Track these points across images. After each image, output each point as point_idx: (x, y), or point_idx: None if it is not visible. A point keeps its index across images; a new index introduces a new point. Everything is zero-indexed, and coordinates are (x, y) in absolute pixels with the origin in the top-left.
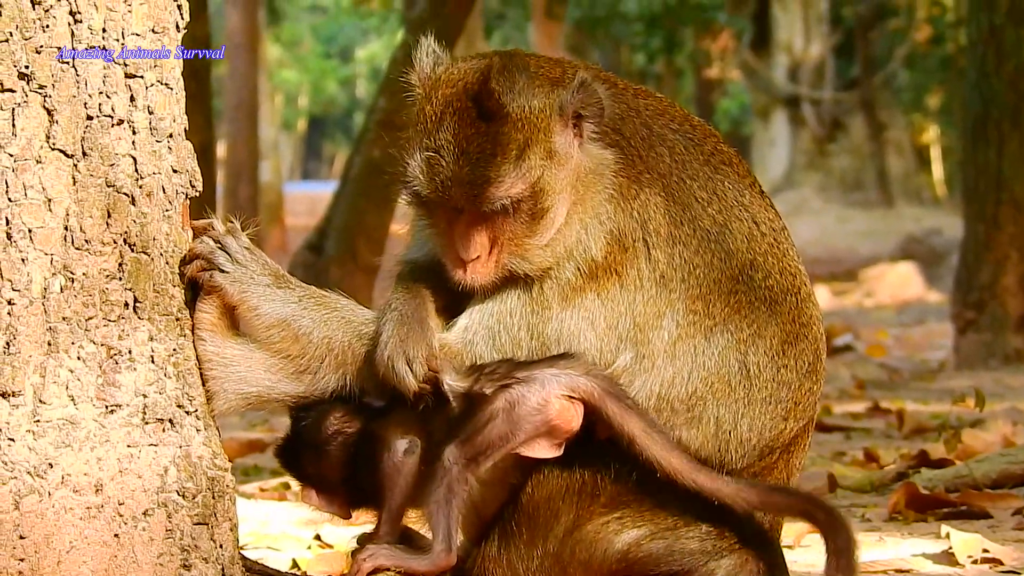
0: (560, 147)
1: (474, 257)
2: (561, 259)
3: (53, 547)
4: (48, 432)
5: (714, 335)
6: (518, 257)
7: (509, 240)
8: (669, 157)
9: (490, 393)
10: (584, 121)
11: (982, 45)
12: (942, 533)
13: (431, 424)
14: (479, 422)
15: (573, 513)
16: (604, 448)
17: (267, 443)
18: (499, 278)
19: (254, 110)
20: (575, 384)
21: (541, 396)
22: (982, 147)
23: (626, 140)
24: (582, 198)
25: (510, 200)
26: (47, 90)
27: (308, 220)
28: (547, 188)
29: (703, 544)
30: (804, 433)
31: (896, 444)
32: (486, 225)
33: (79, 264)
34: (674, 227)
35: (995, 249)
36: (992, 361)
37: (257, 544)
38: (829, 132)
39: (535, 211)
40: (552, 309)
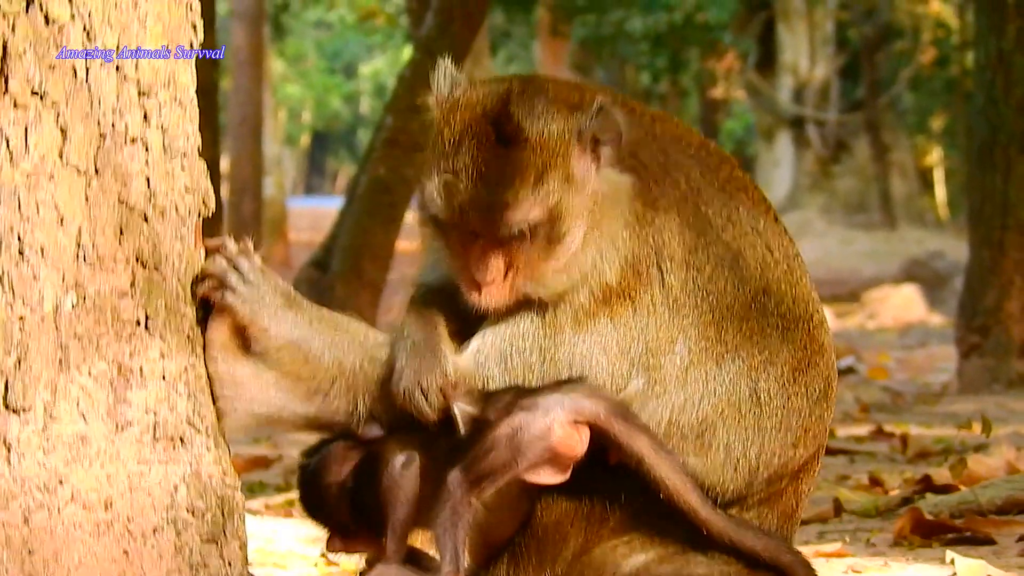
0: (578, 172)
1: (490, 281)
2: (576, 284)
3: (62, 563)
4: (58, 448)
5: (725, 362)
6: (534, 281)
7: (525, 264)
8: (685, 183)
9: (493, 419)
10: (602, 146)
11: (990, 71)
12: (947, 559)
13: (433, 445)
14: (482, 449)
15: (582, 537)
16: (613, 472)
17: (272, 460)
18: (514, 301)
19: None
20: (579, 408)
21: (544, 423)
22: (989, 172)
23: (643, 166)
24: (598, 223)
25: (527, 225)
26: (60, 107)
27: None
28: (564, 213)
29: (711, 569)
30: (814, 459)
31: (900, 468)
32: (502, 249)
33: (91, 282)
34: (688, 253)
35: (1000, 274)
36: (996, 386)
37: (263, 562)
38: (833, 153)
39: (552, 236)
40: (565, 333)
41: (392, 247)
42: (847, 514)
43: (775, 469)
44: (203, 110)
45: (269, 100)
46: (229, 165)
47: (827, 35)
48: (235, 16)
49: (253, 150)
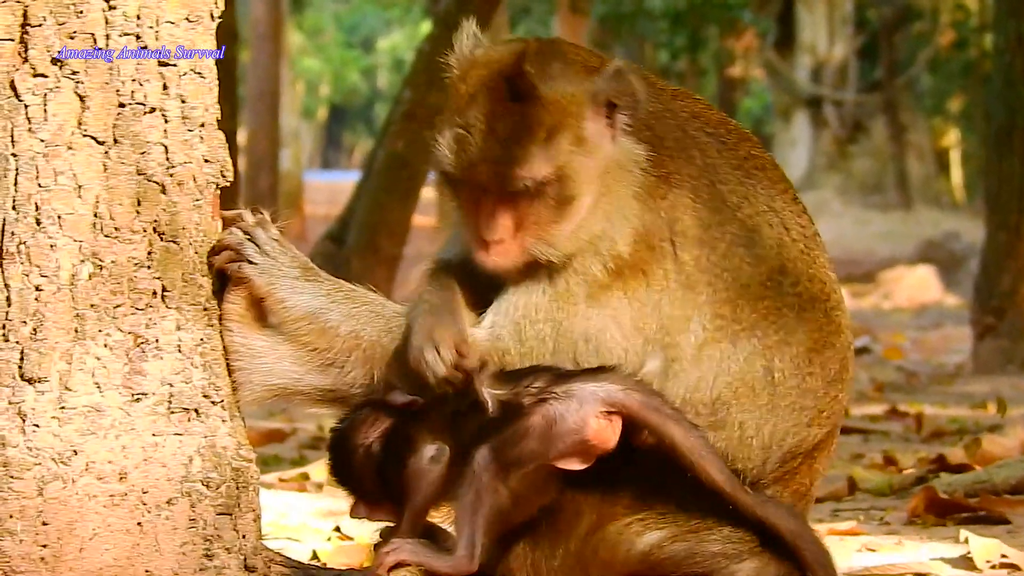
0: (591, 135)
1: (498, 239)
2: (586, 249)
3: (76, 534)
4: (73, 419)
5: (740, 340)
6: (543, 242)
7: (534, 224)
8: (701, 159)
9: (527, 406)
10: (617, 112)
11: (1009, 54)
12: (961, 538)
13: (463, 429)
14: (514, 435)
15: (595, 514)
16: (627, 451)
17: (287, 433)
18: (522, 264)
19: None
20: (614, 399)
21: (579, 415)
22: (1006, 156)
23: (659, 139)
24: (610, 190)
25: (534, 182)
26: (79, 76)
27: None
28: (574, 174)
29: (725, 547)
30: (828, 439)
31: (914, 447)
32: (512, 207)
33: (108, 252)
34: (702, 230)
35: (1016, 257)
36: (1010, 367)
37: (277, 535)
38: (850, 134)
39: (561, 196)
40: (578, 307)
41: (409, 222)
42: (861, 492)
43: (789, 448)
44: (221, 82)
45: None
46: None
47: (846, 15)
48: None
49: (270, 123)
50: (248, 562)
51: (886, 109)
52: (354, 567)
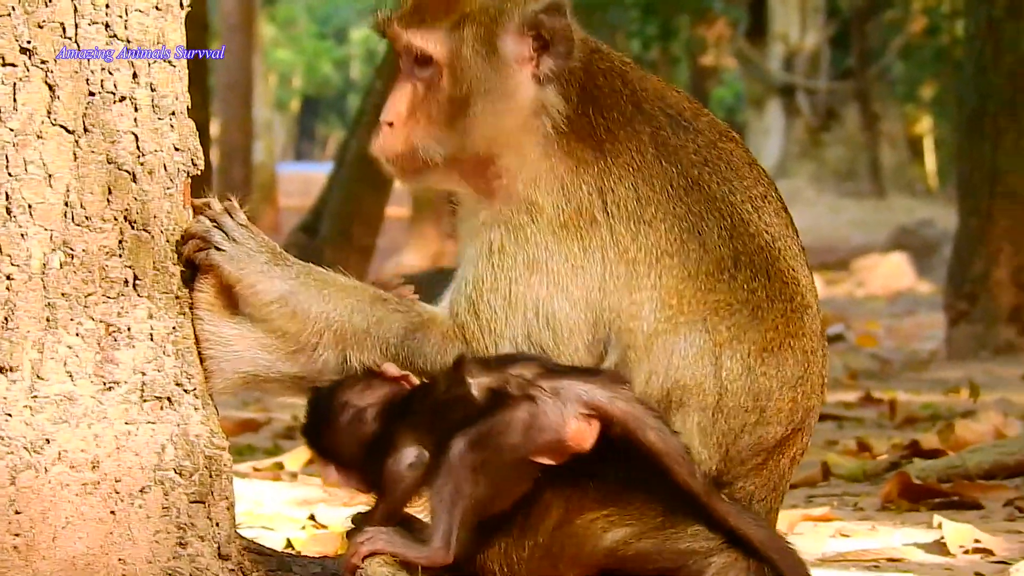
0: (505, 53)
1: (389, 121)
2: (495, 189)
3: (49, 523)
4: (45, 408)
5: (690, 335)
6: (429, 138)
7: (425, 116)
8: (650, 137)
9: (515, 396)
10: (545, 54)
11: (980, 39)
12: (934, 523)
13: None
14: (496, 428)
15: (564, 508)
16: (599, 448)
17: (261, 423)
18: (407, 156)
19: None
20: (596, 403)
21: (561, 414)
22: (978, 140)
23: (602, 107)
24: (518, 134)
25: (426, 53)
26: (49, 65)
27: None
28: (470, 74)
29: (692, 544)
30: (795, 436)
31: (888, 434)
32: (411, 93)
33: (79, 240)
34: (640, 205)
35: (989, 242)
36: (983, 352)
37: (251, 524)
38: (823, 122)
39: (453, 95)
40: (520, 274)
41: (382, 212)
42: (835, 478)
43: (746, 446)
44: (192, 73)
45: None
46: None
47: (818, 3)
48: None
49: (243, 115)
50: (222, 550)
51: (858, 97)
52: (328, 555)
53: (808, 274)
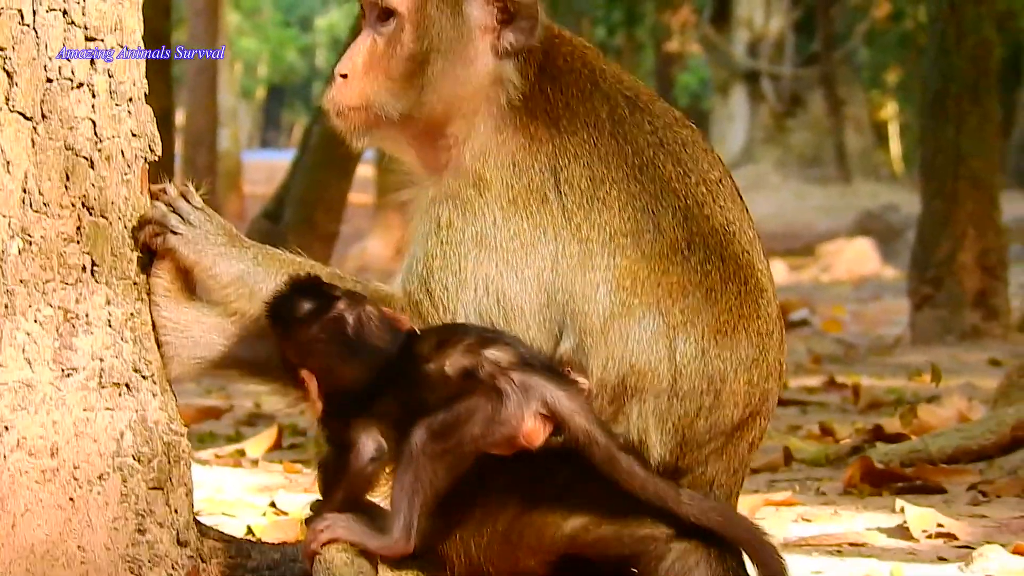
0: (468, 17)
1: (343, 72)
2: (441, 159)
3: (8, 510)
4: (4, 395)
5: (644, 318)
6: (384, 92)
7: (383, 70)
8: (608, 116)
9: (483, 384)
10: (508, 28)
11: (942, 22)
12: (897, 507)
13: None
14: (459, 418)
15: (522, 496)
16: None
17: (223, 410)
18: (360, 111)
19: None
20: (557, 408)
21: (522, 411)
22: (941, 123)
23: (560, 85)
24: (472, 104)
25: (387, 6)
26: (7, 52)
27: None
28: (432, 34)
29: (653, 530)
30: (752, 420)
31: (852, 418)
32: (370, 47)
33: (37, 227)
34: (593, 184)
35: (953, 225)
36: (948, 337)
37: (212, 510)
38: (788, 107)
39: (413, 52)
40: (468, 250)
41: (345, 199)
42: (797, 463)
43: (703, 430)
44: (155, 60)
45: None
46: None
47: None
48: None
49: (208, 103)
50: (180, 537)
51: (823, 82)
52: (288, 541)
53: (763, 259)
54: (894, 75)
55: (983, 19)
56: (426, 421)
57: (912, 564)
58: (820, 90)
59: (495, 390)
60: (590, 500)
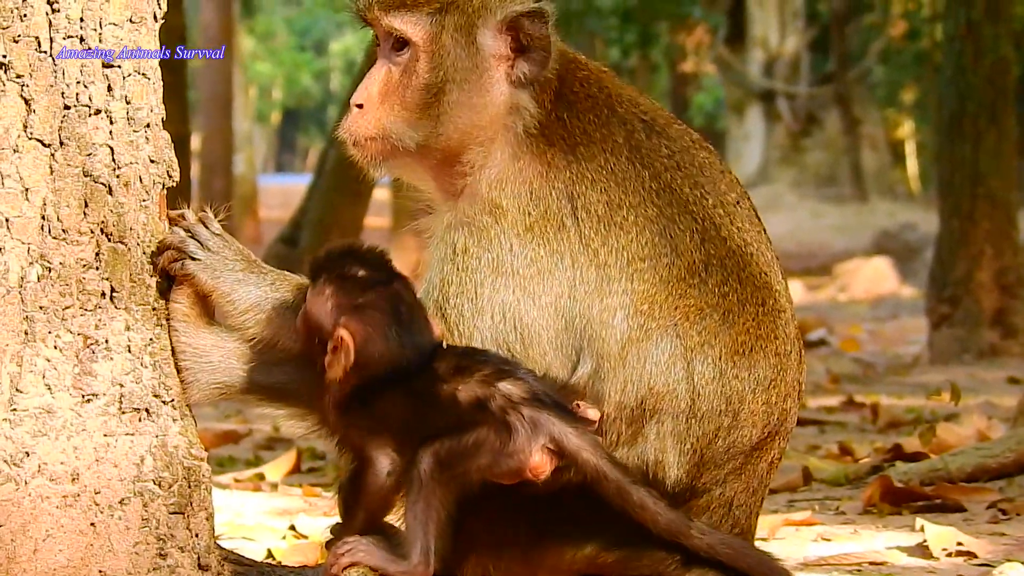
0: (483, 47)
1: (358, 102)
2: (459, 187)
3: (29, 535)
4: (25, 421)
5: (662, 340)
6: (401, 122)
7: (399, 100)
8: (625, 141)
9: (493, 416)
10: (521, 58)
11: (959, 41)
12: (916, 526)
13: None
14: (466, 448)
15: (542, 517)
16: None
17: (242, 434)
18: (377, 141)
19: (228, 103)
20: (563, 440)
21: (529, 445)
22: (958, 142)
23: (578, 112)
24: (493, 137)
25: (401, 36)
26: (24, 79)
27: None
28: (447, 63)
29: (670, 553)
30: (771, 440)
31: (870, 438)
32: (385, 77)
33: (56, 253)
34: (610, 209)
35: (970, 244)
36: (966, 356)
37: (232, 534)
38: (804, 127)
39: (429, 81)
40: (485, 277)
41: (361, 222)
42: (817, 483)
43: (721, 450)
44: (171, 85)
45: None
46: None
47: (797, 8)
48: None
49: (223, 127)
50: (202, 561)
51: (839, 101)
52: (308, 565)
53: (782, 279)
54: (910, 94)
55: (1001, 38)
56: (433, 447)
57: None
58: (836, 109)
59: (505, 424)
60: (608, 524)
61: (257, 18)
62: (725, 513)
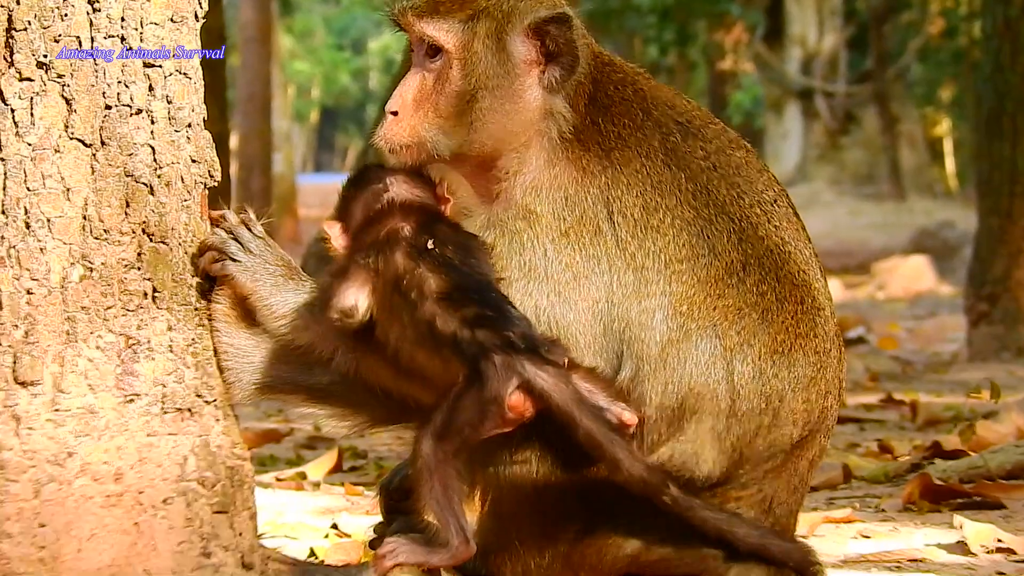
0: (513, 54)
1: (394, 110)
2: (492, 190)
3: (73, 535)
4: (68, 421)
5: (701, 341)
6: (435, 128)
7: (433, 107)
8: (661, 144)
9: (464, 354)
10: (552, 63)
11: (997, 39)
12: (956, 523)
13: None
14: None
15: (584, 516)
16: None
17: (283, 433)
18: (410, 151)
19: (267, 102)
20: (533, 380)
21: (503, 388)
22: (996, 140)
23: (612, 116)
24: (523, 140)
25: (434, 43)
26: (65, 79)
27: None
28: (480, 70)
29: (711, 549)
30: (811, 438)
31: (910, 435)
32: (419, 84)
33: (97, 254)
34: (646, 213)
35: (1009, 242)
36: (1004, 354)
37: (275, 533)
38: (842, 125)
39: (462, 88)
40: (512, 274)
41: None
42: (857, 480)
43: (761, 448)
44: (210, 85)
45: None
46: (238, 141)
47: (835, 6)
48: None
49: (262, 126)
50: (245, 559)
51: (877, 99)
52: (351, 563)
53: (821, 277)
54: (948, 92)
55: None
56: (426, 430)
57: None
58: (874, 107)
59: (477, 371)
60: (649, 522)
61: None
62: (765, 511)
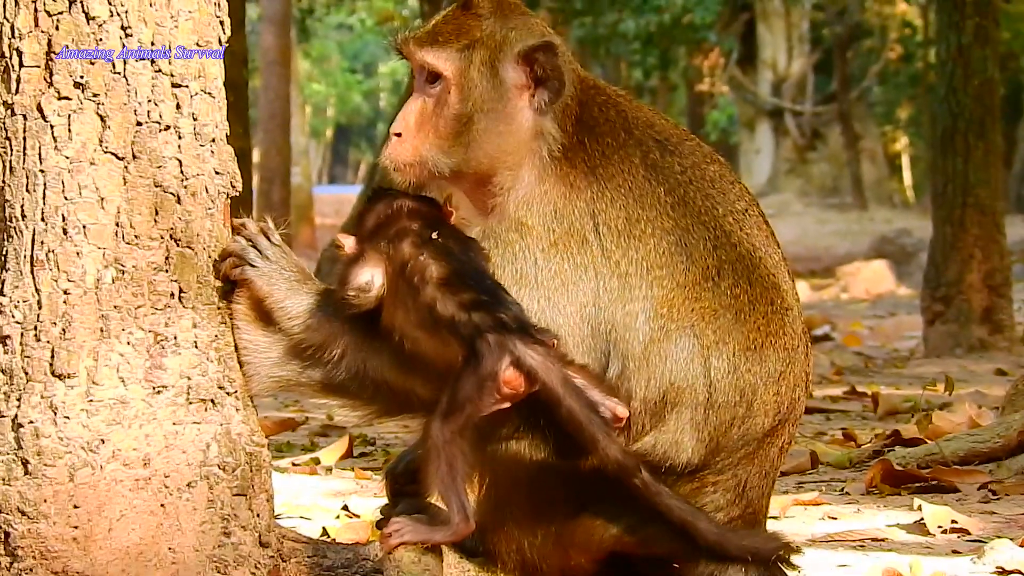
0: (505, 79)
1: (397, 131)
2: (487, 201)
3: (105, 516)
4: (100, 411)
5: (680, 340)
6: (436, 150)
7: (433, 129)
8: (641, 160)
9: (462, 335)
10: (541, 87)
11: (951, 63)
12: (914, 505)
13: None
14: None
15: (573, 499)
16: None
17: (299, 422)
18: (413, 171)
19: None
20: (522, 357)
21: (496, 365)
22: (950, 156)
23: (596, 135)
24: (520, 161)
25: (433, 70)
26: (100, 98)
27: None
28: (476, 95)
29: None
30: (781, 427)
31: (871, 425)
32: (421, 108)
33: (129, 257)
34: (629, 224)
35: (961, 249)
36: (958, 350)
37: (290, 514)
38: (809, 142)
39: (459, 112)
40: (506, 282)
41: None
42: (823, 466)
43: (736, 438)
44: (233, 105)
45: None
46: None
47: (803, 34)
48: (264, 20)
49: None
50: (263, 538)
51: (841, 118)
52: (360, 541)
53: (789, 280)
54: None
55: (988, 60)
56: (435, 415)
57: (929, 557)
58: (838, 125)
59: (473, 350)
60: (633, 505)
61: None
62: (739, 494)
